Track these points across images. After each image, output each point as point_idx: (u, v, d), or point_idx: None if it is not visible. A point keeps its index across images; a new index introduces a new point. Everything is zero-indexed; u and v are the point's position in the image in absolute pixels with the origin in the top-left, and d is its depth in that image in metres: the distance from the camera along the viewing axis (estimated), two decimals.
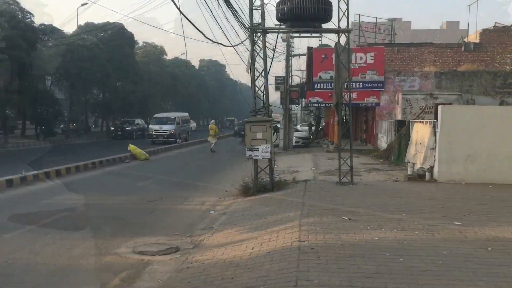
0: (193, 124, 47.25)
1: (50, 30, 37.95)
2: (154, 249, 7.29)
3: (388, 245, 6.38)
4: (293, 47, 35.89)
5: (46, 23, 38.60)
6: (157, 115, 37.05)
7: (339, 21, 12.02)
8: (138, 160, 21.55)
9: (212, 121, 32.95)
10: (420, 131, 13.36)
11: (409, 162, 13.88)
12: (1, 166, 17.66)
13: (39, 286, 5.81)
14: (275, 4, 11.95)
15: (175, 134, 33.48)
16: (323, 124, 38.99)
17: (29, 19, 34.15)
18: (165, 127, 33.66)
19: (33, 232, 8.34)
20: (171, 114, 37.42)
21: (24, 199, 11.77)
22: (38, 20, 35.81)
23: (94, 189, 13.69)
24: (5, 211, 10.29)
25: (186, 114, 41.09)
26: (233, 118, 75.22)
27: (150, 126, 34.54)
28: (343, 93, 12.54)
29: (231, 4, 13.25)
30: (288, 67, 29.95)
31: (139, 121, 42.54)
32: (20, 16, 32.55)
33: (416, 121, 14.77)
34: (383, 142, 20.80)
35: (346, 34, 12.40)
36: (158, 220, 9.61)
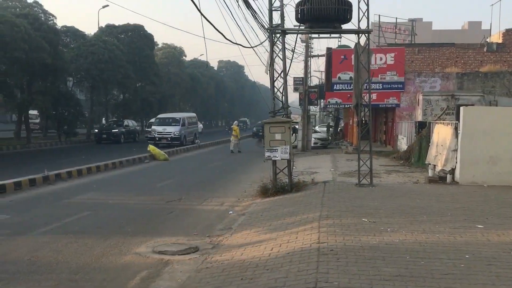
0: (199, 126, 44.13)
1: (72, 32, 38.62)
2: (174, 249, 7.34)
3: (409, 247, 6.31)
4: (312, 48, 35.83)
5: (68, 25, 39.29)
6: (161, 115, 34.34)
7: (359, 21, 11.95)
8: (157, 160, 21.75)
9: (235, 122, 33.15)
10: (442, 133, 13.18)
11: (429, 164, 13.71)
12: (24, 166, 18.03)
13: (61, 284, 5.89)
14: (294, 5, 11.94)
15: (180, 137, 30.87)
16: (342, 125, 38.77)
17: (51, 21, 34.86)
18: (169, 128, 31.01)
19: (55, 231, 8.47)
20: (176, 115, 34.44)
21: (47, 198, 11.97)
22: (60, 22, 36.31)
23: (114, 189, 13.86)
24: (29, 210, 10.50)
25: (193, 114, 38.14)
26: (245, 119, 73.42)
27: (153, 127, 32.14)
28: (363, 94, 12.45)
29: (251, 5, 13.27)
30: (307, 68, 29.86)
31: (130, 122, 38.25)
32: (43, 18, 33.23)
33: (437, 123, 14.57)
34: (403, 144, 20.59)
35: (366, 34, 12.31)
36: (178, 220, 9.67)
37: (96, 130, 35.82)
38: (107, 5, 40.75)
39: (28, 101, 29.92)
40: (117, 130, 34.57)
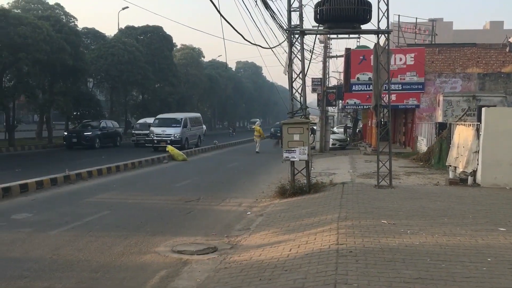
0: (203, 127, 37.94)
1: (93, 34, 39.19)
2: (192, 249, 7.38)
3: (429, 250, 6.23)
4: (331, 49, 35.63)
5: (89, 26, 39.89)
6: (160, 115, 30.83)
7: (378, 21, 11.87)
8: (176, 161, 21.91)
9: (258, 122, 33.20)
10: (463, 134, 12.99)
11: (450, 165, 13.52)
12: (46, 165, 18.34)
13: (82, 282, 5.97)
14: (313, 6, 11.91)
15: (181, 139, 27.56)
16: (360, 126, 38.51)
17: (72, 23, 35.42)
18: (169, 130, 27.64)
19: (76, 229, 8.60)
20: (177, 115, 30.70)
21: (68, 197, 12.15)
22: (81, 24, 36.93)
23: (133, 188, 13.99)
24: (50, 208, 10.67)
25: (198, 115, 34.55)
26: (257, 119, 71.56)
27: (151, 128, 28.44)
28: (382, 95, 12.35)
29: (270, 6, 13.28)
30: (325, 68, 29.75)
31: (109, 123, 32.41)
32: (64, 20, 33.80)
33: (458, 124, 14.37)
34: (422, 145, 20.36)
35: (386, 35, 12.21)
36: (196, 220, 9.72)
37: (66, 133, 29.80)
38: (127, 7, 41.35)
39: (49, 102, 30.44)
40: (90, 133, 29.08)
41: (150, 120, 31.47)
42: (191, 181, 15.54)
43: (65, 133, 29.97)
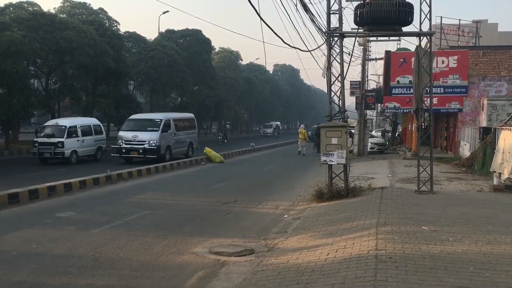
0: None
1: (134, 37, 40.14)
2: (230, 250, 7.43)
3: (472, 258, 6.05)
4: (370, 51, 35.14)
5: (130, 30, 40.88)
6: (133, 116, 23.98)
7: (420, 23, 11.61)
8: (213, 162, 22.13)
9: (302, 125, 33.39)
10: (508, 139, 12.53)
11: (495, 172, 13.06)
12: (93, 163, 18.90)
13: (123, 280, 6.11)
14: (353, 8, 11.78)
15: (158, 148, 20.50)
16: (400, 130, 37.76)
17: (115, 27, 36.37)
18: (143, 135, 20.63)
19: (117, 228, 8.82)
20: (157, 115, 23.62)
21: (109, 197, 12.47)
22: (123, 28, 37.83)
23: (172, 189, 14.22)
24: (93, 207, 10.99)
25: (189, 115, 26.48)
26: (277, 122, 67.88)
27: (120, 133, 21.58)
28: (423, 98, 12.08)
29: (309, 9, 13.23)
30: (364, 71, 29.38)
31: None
32: (107, 25, 34.76)
33: (503, 128, 13.87)
34: (465, 150, 19.77)
35: (428, 37, 11.94)
36: (233, 222, 9.78)
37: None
38: (167, 11, 42.05)
39: (92, 104, 31.41)
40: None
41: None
42: (228, 183, 15.65)
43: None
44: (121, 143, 20.81)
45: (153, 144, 20.51)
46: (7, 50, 21.84)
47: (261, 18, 9.91)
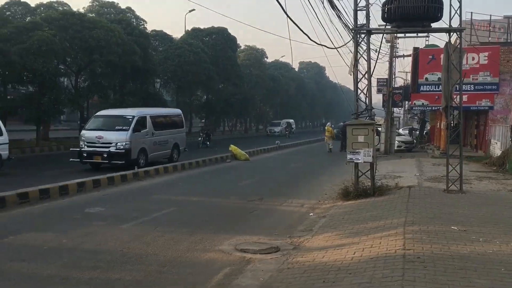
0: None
1: (161, 36, 40.54)
2: (255, 248, 7.45)
3: (503, 259, 5.91)
4: (397, 48, 34.63)
5: (157, 29, 41.29)
6: (101, 112, 19.65)
7: (450, 19, 11.36)
8: (238, 160, 22.20)
9: (328, 123, 33.31)
10: None
11: None
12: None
13: (151, 275, 6.20)
14: (380, 4, 11.63)
15: (128, 152, 16.66)
16: (428, 128, 37.13)
17: (142, 26, 36.80)
18: (110, 136, 16.94)
19: (145, 224, 8.95)
20: (129, 111, 19.00)
21: (136, 193, 12.66)
22: (150, 27, 38.16)
23: (198, 186, 14.33)
24: (121, 203, 11.18)
25: (176, 111, 22.71)
26: (290, 120, 61.96)
27: (82, 132, 18.09)
28: (453, 96, 11.84)
29: (336, 6, 13.13)
30: (391, 68, 28.98)
31: None
32: (134, 23, 35.18)
33: None
34: (496, 149, 19.30)
35: (458, 33, 11.70)
36: (259, 219, 9.80)
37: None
38: (194, 9, 42.43)
39: (120, 102, 31.85)
40: None
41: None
42: (254, 180, 15.68)
43: None
44: (82, 146, 17.17)
45: (121, 147, 16.62)
46: (38, 49, 22.33)
47: (287, 16, 9.89)
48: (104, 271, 6.30)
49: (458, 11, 11.32)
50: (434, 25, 11.58)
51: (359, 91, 12.10)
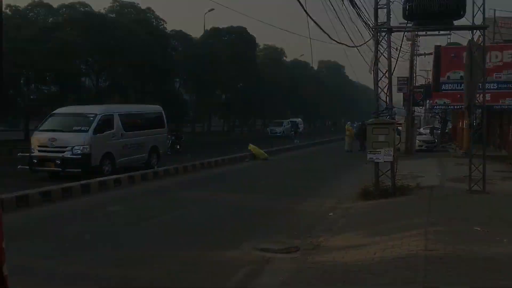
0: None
1: (180, 36, 40.78)
2: (275, 247, 7.42)
3: None
4: (418, 46, 34.14)
5: (177, 28, 41.56)
6: (59, 110, 16.22)
7: (473, 17, 11.16)
8: (257, 159, 22.20)
9: (348, 122, 33.11)
10: None
11: None
12: None
13: (171, 274, 6.24)
14: (401, 2, 11.48)
15: (88, 157, 13.94)
16: (449, 127, 36.59)
17: (162, 26, 37.06)
18: (66, 137, 14.22)
19: (164, 222, 9.01)
20: (91, 108, 16.26)
21: (156, 192, 12.77)
22: (169, 27, 38.33)
23: (217, 185, 14.39)
24: (141, 202, 11.30)
25: (154, 107, 20.39)
26: (296, 120, 55.34)
27: (34, 135, 15.25)
28: (476, 95, 11.63)
29: (356, 4, 13.02)
30: (412, 67, 28.61)
31: None
32: (154, 24, 35.47)
33: None
34: None
35: (481, 30, 11.48)
36: (278, 219, 9.78)
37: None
38: (213, 9, 42.37)
39: (140, 101, 32.19)
40: None
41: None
42: (273, 180, 15.66)
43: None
44: (33, 149, 14.29)
45: (78, 151, 13.78)
46: (60, 50, 22.72)
47: (307, 14, 9.85)
48: (126, 268, 6.37)
49: (481, 8, 11.11)
50: (456, 22, 11.40)
51: (379, 90, 11.98)
